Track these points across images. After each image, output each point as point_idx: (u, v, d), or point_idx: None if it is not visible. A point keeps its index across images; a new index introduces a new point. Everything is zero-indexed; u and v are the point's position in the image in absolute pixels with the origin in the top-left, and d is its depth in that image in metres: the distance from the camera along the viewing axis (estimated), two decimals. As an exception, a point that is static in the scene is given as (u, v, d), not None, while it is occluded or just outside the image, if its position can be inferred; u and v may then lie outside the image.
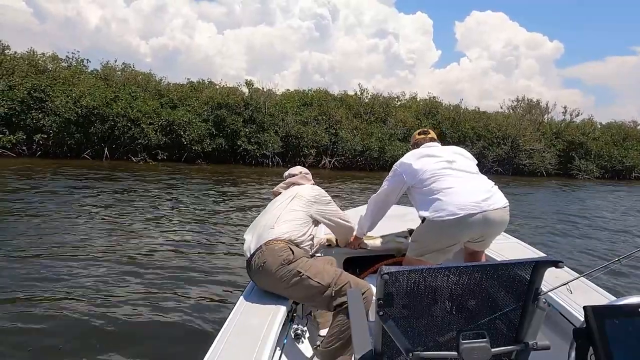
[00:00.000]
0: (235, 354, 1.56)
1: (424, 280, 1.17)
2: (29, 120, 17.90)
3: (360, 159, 22.99)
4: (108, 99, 19.14)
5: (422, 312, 1.21)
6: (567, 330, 1.64)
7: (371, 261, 2.83)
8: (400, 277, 1.14)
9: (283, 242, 2.12)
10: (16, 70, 18.66)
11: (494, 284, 1.22)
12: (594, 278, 2.14)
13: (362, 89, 26.63)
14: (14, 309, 3.65)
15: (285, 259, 2.05)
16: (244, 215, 8.39)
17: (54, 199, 8.86)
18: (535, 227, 8.90)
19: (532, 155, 26.17)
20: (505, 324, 1.26)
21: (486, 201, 2.26)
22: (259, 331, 1.72)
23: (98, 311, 3.67)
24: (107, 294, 4.08)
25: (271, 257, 2.06)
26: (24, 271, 4.51)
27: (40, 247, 5.40)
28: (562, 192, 17.89)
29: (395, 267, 1.12)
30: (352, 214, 3.13)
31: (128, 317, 3.62)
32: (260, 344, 1.62)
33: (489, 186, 2.37)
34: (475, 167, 2.51)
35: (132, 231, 6.60)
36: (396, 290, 1.15)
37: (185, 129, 20.09)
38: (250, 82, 23.75)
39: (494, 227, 2.32)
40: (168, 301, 3.98)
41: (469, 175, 2.40)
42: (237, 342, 1.64)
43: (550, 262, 1.19)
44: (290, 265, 2.04)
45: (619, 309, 1.18)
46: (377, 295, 1.15)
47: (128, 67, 23.42)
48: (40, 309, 3.66)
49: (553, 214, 11.23)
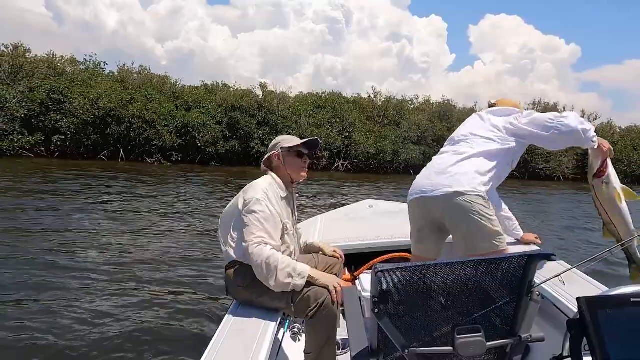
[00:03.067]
0: (232, 353, 1.56)
1: (418, 277, 1.17)
2: (47, 121, 18.27)
3: (374, 162, 22.87)
4: (124, 101, 19.44)
5: (417, 308, 1.21)
6: (561, 322, 1.63)
7: (366, 258, 2.82)
8: (394, 274, 1.14)
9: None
10: (36, 73, 19.10)
11: (487, 279, 1.22)
12: (587, 269, 2.11)
13: (376, 92, 26.57)
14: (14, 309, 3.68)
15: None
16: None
17: (68, 199, 8.97)
18: (550, 231, 8.69)
19: (549, 159, 25.72)
20: (499, 318, 1.26)
21: (431, 185, 2.07)
22: (255, 330, 1.72)
23: (103, 311, 3.67)
24: (114, 293, 4.08)
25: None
26: (33, 270, 4.56)
27: (51, 245, 5.46)
28: (578, 196, 17.51)
29: (389, 265, 1.13)
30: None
31: (135, 318, 3.61)
32: (257, 343, 1.61)
33: (447, 167, 2.10)
34: (476, 145, 2.18)
35: (143, 232, 6.63)
36: (391, 287, 1.15)
37: (199, 131, 20.27)
38: (264, 84, 23.90)
39: (441, 216, 2.07)
40: (174, 302, 3.96)
41: (448, 154, 2.21)
42: (234, 341, 1.63)
43: (542, 255, 1.20)
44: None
45: (611, 299, 1.18)
46: (372, 293, 1.15)
47: (144, 69, 23.79)
48: (53, 306, 3.68)
49: (569, 218, 10.97)
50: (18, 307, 3.73)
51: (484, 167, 2.10)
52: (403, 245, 2.83)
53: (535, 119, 2.12)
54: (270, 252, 1.78)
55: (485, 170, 2.09)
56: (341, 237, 2.90)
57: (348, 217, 3.61)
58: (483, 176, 2.07)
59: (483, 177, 2.07)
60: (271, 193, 1.97)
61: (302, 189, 13.46)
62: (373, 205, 4.05)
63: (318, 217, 3.75)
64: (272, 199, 1.95)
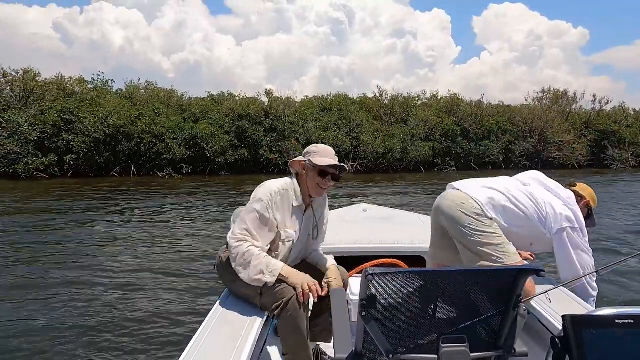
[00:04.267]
0: (216, 348, 1.56)
1: (408, 283, 1.17)
2: (59, 142, 18.59)
3: (383, 162, 22.78)
4: (133, 117, 19.69)
5: (404, 314, 1.21)
6: (545, 338, 1.63)
7: (356, 262, 2.83)
8: (384, 279, 1.14)
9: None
10: (46, 95, 19.46)
11: (475, 290, 1.23)
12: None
13: (382, 91, 26.50)
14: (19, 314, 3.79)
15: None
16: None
17: (83, 216, 9.11)
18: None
19: (561, 147, 25.33)
20: (485, 330, 1.26)
21: (452, 189, 2.16)
22: (241, 325, 1.73)
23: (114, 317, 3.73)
24: (129, 302, 4.19)
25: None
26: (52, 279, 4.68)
27: (69, 259, 5.56)
28: (598, 185, 17.18)
29: (380, 269, 1.12)
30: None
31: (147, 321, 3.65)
32: (242, 339, 1.62)
33: (483, 182, 2.19)
34: (512, 192, 2.13)
35: (157, 242, 6.69)
36: (379, 291, 1.15)
37: (208, 141, 20.42)
38: (269, 91, 24.01)
39: (442, 216, 2.10)
40: (193, 308, 3.98)
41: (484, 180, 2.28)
42: (219, 336, 1.65)
43: (532, 270, 1.20)
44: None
45: (597, 319, 1.19)
46: (361, 296, 1.15)
47: (151, 84, 24.09)
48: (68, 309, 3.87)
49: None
50: (50, 305, 3.94)
51: (500, 201, 2.06)
52: (394, 251, 2.84)
53: (580, 258, 2.08)
54: (247, 248, 1.85)
55: (499, 205, 2.05)
56: (333, 240, 2.87)
57: (341, 220, 3.59)
58: (494, 204, 2.05)
59: (494, 204, 2.05)
60: (280, 198, 1.97)
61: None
62: (367, 209, 4.04)
63: None
64: (278, 202, 1.96)
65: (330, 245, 2.79)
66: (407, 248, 2.88)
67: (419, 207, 10.09)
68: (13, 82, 19.52)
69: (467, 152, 24.46)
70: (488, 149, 24.72)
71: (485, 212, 2.00)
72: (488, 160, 24.82)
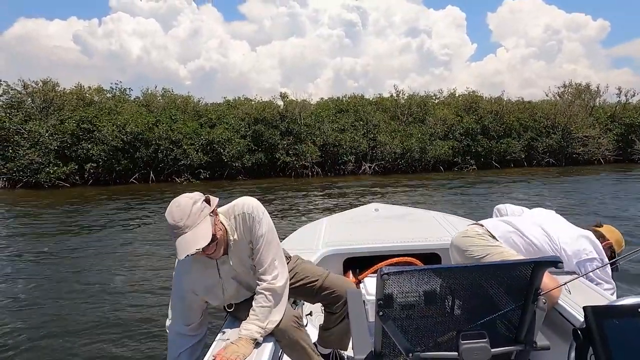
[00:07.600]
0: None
1: (424, 280, 1.16)
2: (79, 151, 18.88)
3: (401, 162, 22.40)
4: (150, 124, 19.87)
5: (422, 312, 1.20)
6: (567, 331, 1.63)
7: (370, 262, 2.81)
8: (400, 277, 1.13)
9: None
10: (66, 105, 19.81)
11: (493, 284, 1.21)
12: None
13: (398, 91, 26.15)
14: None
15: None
16: (293, 227, 8.21)
17: (105, 224, 9.12)
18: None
19: (586, 142, 24.48)
20: (505, 324, 1.25)
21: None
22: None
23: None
24: (152, 307, 4.22)
25: None
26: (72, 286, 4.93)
27: (94, 266, 5.67)
28: (623, 181, 16.46)
29: (395, 268, 1.11)
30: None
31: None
32: (262, 344, 1.62)
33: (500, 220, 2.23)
34: (520, 226, 2.11)
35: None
36: (396, 290, 1.14)
37: (224, 146, 20.44)
38: (284, 94, 23.96)
39: (452, 248, 2.16)
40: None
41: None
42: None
43: (549, 262, 1.18)
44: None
45: (618, 309, 1.17)
46: (377, 296, 1.14)
47: (167, 91, 24.33)
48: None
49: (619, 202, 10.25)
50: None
51: (506, 229, 2.09)
52: (409, 249, 2.82)
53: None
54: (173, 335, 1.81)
55: (505, 231, 2.08)
56: (346, 240, 2.88)
57: (353, 220, 3.59)
58: (500, 230, 2.08)
59: (501, 230, 2.08)
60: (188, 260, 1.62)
61: (330, 192, 13.26)
62: (379, 208, 3.99)
63: (323, 220, 3.70)
64: (186, 263, 1.71)
65: (343, 246, 2.82)
66: (422, 245, 2.85)
67: (438, 206, 9.80)
68: (34, 93, 19.93)
69: (487, 150, 23.89)
70: (509, 146, 24.09)
71: (489, 232, 2.04)
72: (510, 158, 24.20)
